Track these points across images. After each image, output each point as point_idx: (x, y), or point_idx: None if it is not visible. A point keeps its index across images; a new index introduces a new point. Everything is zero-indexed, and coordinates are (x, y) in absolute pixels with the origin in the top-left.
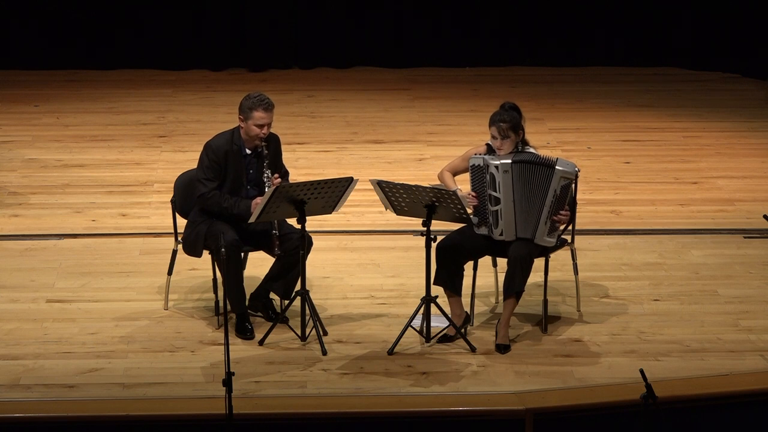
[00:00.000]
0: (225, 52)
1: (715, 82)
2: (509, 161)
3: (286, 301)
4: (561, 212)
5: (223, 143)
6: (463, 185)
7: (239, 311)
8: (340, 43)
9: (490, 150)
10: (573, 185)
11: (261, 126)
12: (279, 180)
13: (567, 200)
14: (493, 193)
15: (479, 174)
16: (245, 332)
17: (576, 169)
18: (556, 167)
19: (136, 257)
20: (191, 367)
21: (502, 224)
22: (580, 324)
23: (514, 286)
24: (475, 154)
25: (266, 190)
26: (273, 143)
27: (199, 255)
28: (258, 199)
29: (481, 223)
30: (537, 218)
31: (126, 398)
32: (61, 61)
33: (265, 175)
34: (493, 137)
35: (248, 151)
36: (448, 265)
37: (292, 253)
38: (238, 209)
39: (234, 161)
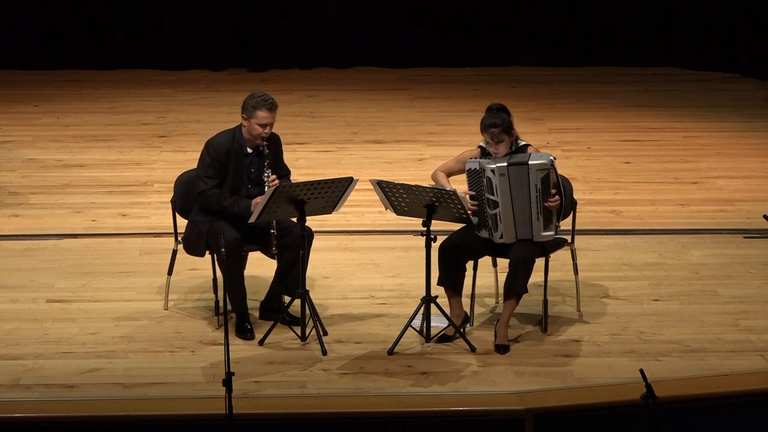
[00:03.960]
0: (225, 52)
1: (715, 82)
2: (505, 164)
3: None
4: (550, 199)
5: (225, 141)
6: (456, 185)
7: (239, 311)
8: (340, 43)
9: (483, 152)
10: (553, 173)
11: (264, 126)
12: (277, 182)
13: (551, 188)
14: (491, 197)
15: (476, 178)
16: (245, 332)
17: (551, 158)
18: (529, 162)
19: (136, 257)
20: (191, 367)
21: (501, 227)
22: (580, 324)
23: (516, 287)
24: (471, 158)
25: (266, 190)
26: (274, 144)
27: (201, 254)
28: (258, 199)
29: (481, 227)
30: (529, 216)
31: (126, 398)
32: (61, 61)
33: (266, 174)
34: (488, 143)
35: (249, 150)
36: (450, 265)
37: (293, 248)
38: (238, 208)
39: (235, 160)
